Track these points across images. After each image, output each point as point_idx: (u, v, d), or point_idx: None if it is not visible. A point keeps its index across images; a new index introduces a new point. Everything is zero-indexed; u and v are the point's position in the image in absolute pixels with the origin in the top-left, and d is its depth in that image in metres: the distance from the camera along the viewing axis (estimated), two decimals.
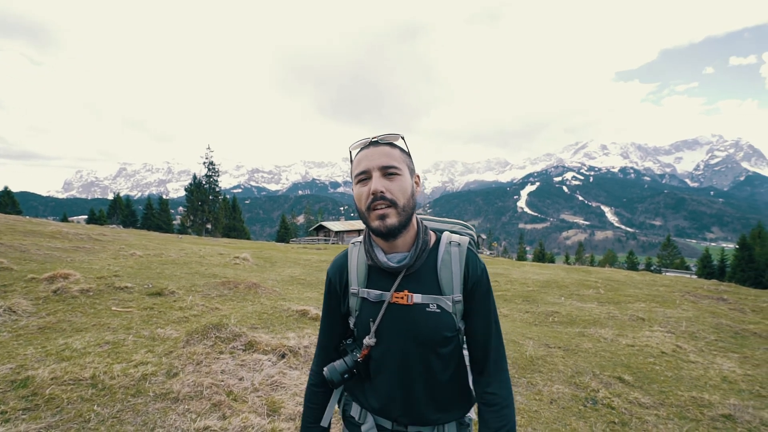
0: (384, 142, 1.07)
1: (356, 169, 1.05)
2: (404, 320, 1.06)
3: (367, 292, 1.10)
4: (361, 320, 1.11)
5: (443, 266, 1.09)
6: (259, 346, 3.85)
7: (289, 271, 10.61)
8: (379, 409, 1.12)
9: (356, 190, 1.06)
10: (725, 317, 7.80)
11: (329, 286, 1.19)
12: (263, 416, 2.80)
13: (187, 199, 44.79)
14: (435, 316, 1.06)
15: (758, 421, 3.47)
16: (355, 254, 1.16)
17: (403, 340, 1.07)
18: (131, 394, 2.95)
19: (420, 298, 1.06)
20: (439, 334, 1.06)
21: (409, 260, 1.07)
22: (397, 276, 1.08)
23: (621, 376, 4.40)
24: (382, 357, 1.09)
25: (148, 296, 5.86)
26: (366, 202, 1.02)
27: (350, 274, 1.14)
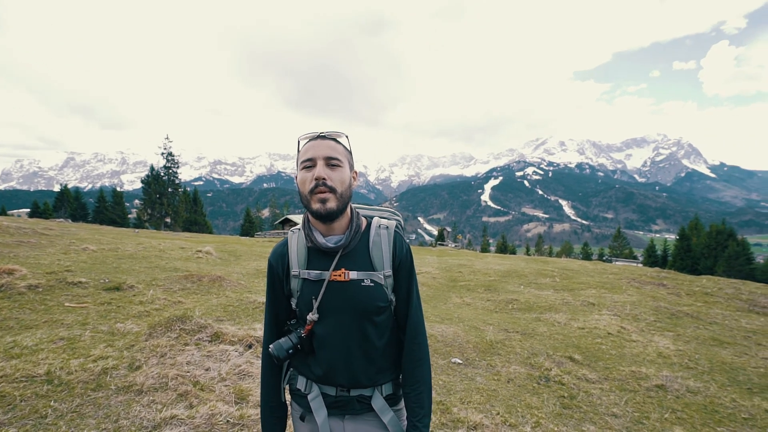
0: (330, 137, 1.20)
1: (303, 157, 1.17)
2: (343, 295, 1.18)
3: (308, 273, 1.20)
4: (303, 299, 1.21)
5: (374, 246, 1.23)
6: (226, 338, 3.83)
7: (254, 264, 10.44)
8: (324, 378, 1.22)
9: (300, 175, 1.17)
10: (664, 300, 8.53)
11: (271, 272, 1.28)
12: (231, 404, 2.82)
13: (144, 191, 42.54)
14: (369, 290, 1.19)
15: (685, 389, 3.89)
16: (294, 240, 1.26)
17: (342, 313, 1.19)
18: (91, 388, 2.88)
19: (355, 274, 1.19)
20: (373, 304, 1.19)
21: (345, 241, 1.20)
22: (335, 256, 1.20)
23: (572, 356, 4.76)
24: (325, 330, 1.20)
25: (105, 291, 5.62)
26: (309, 187, 1.14)
27: (291, 259, 1.23)
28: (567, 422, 3.16)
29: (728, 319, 7.25)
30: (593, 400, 3.61)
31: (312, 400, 1.22)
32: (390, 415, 1.24)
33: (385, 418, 1.23)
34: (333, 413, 1.23)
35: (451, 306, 7.62)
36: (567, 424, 3.14)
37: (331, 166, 1.16)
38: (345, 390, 1.22)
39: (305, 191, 1.15)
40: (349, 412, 1.23)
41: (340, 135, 1.23)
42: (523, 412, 3.28)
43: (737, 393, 3.93)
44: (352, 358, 1.21)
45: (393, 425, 1.23)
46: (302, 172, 1.17)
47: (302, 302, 1.22)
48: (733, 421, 3.35)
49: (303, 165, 1.17)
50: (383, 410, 1.23)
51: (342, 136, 1.23)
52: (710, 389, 3.95)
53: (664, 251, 42.22)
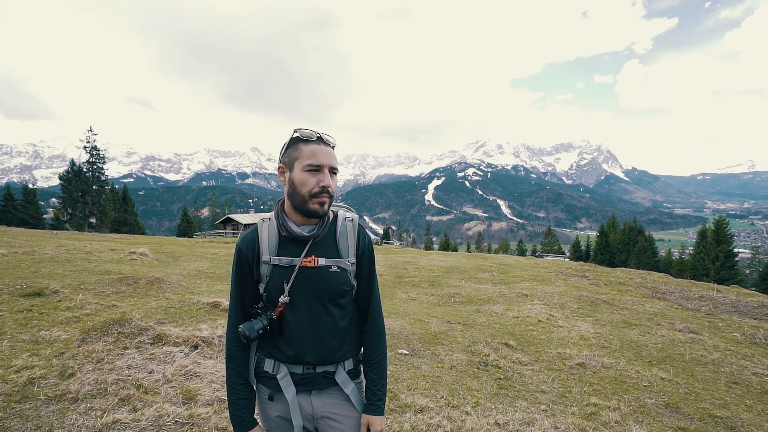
0: (331, 145, 1.31)
1: (309, 159, 1.25)
2: (312, 279, 1.30)
3: (279, 260, 1.30)
4: (274, 283, 1.30)
5: (341, 237, 1.37)
6: (169, 339, 3.70)
7: (195, 265, 9.95)
8: (293, 357, 1.31)
9: (303, 176, 1.26)
10: (585, 290, 9.52)
11: (240, 257, 1.33)
12: (179, 405, 2.77)
13: (63, 188, 38.18)
14: (336, 275, 1.32)
15: (600, 365, 4.45)
16: (265, 228, 1.34)
17: (311, 296, 1.30)
18: (15, 400, 2.66)
19: (324, 261, 1.32)
20: (339, 288, 1.33)
21: (317, 231, 1.32)
22: (306, 244, 1.31)
23: (507, 342, 5.20)
24: (294, 311, 1.30)
25: (23, 297, 5.09)
26: (312, 190, 1.25)
27: (261, 246, 1.31)
28: (503, 400, 3.49)
29: (636, 304, 8.28)
30: (525, 380, 4.01)
31: (281, 380, 1.31)
32: (351, 386, 1.38)
33: (347, 389, 1.36)
34: (300, 390, 1.33)
35: (397, 301, 7.88)
36: (503, 402, 3.47)
37: (332, 174, 1.28)
38: (311, 368, 1.33)
39: (306, 192, 1.25)
40: (315, 387, 1.34)
41: (334, 142, 1.33)
42: (464, 394, 3.56)
43: (641, 366, 4.57)
44: (320, 337, 1.32)
45: (354, 395, 1.38)
46: (306, 174, 1.25)
47: (272, 286, 1.30)
48: (637, 388, 3.91)
49: (309, 167, 1.25)
50: (345, 383, 1.37)
51: (335, 143, 1.34)
52: (620, 364, 4.55)
53: (587, 247, 46.54)
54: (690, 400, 3.69)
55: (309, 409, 1.34)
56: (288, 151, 1.30)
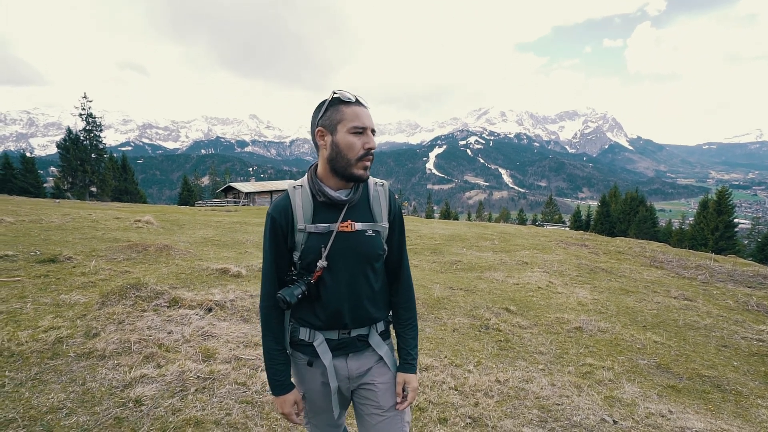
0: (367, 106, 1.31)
1: (354, 121, 1.24)
2: (349, 244, 1.32)
3: (315, 227, 1.30)
4: (310, 250, 1.30)
5: (374, 201, 1.38)
6: (184, 302, 3.86)
7: (201, 232, 10.10)
8: (329, 322, 1.34)
9: (348, 138, 1.25)
10: (585, 258, 9.70)
11: (274, 226, 1.32)
12: (199, 362, 2.94)
13: (61, 157, 37.94)
14: (371, 239, 1.35)
15: (597, 329, 4.65)
16: (298, 196, 1.33)
17: (348, 260, 1.32)
18: (48, 357, 2.83)
19: (360, 225, 1.33)
20: (375, 252, 1.36)
21: (353, 195, 1.33)
22: (342, 209, 1.32)
23: (507, 307, 5.38)
24: (332, 275, 1.32)
25: (39, 264, 5.25)
26: (358, 153, 1.26)
27: (296, 214, 1.31)
28: (503, 360, 3.69)
29: (634, 272, 8.47)
30: (525, 342, 4.20)
31: (318, 346, 1.34)
32: (385, 347, 1.43)
33: (381, 350, 1.42)
34: (336, 354, 1.37)
35: None
36: (503, 361, 3.66)
37: (372, 135, 1.29)
38: (346, 332, 1.37)
39: (352, 156, 1.25)
40: (351, 350, 1.39)
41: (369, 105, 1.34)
42: (466, 354, 3.75)
43: (635, 330, 4.77)
44: (357, 301, 1.35)
45: (387, 356, 1.44)
46: (351, 137, 1.24)
47: (309, 252, 1.31)
48: (630, 350, 4.11)
49: (354, 130, 1.24)
50: (379, 345, 1.42)
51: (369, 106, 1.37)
52: (616, 328, 4.75)
53: (588, 216, 46.74)
54: (680, 362, 3.89)
55: (345, 372, 1.38)
56: (327, 113, 1.27)
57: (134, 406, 2.34)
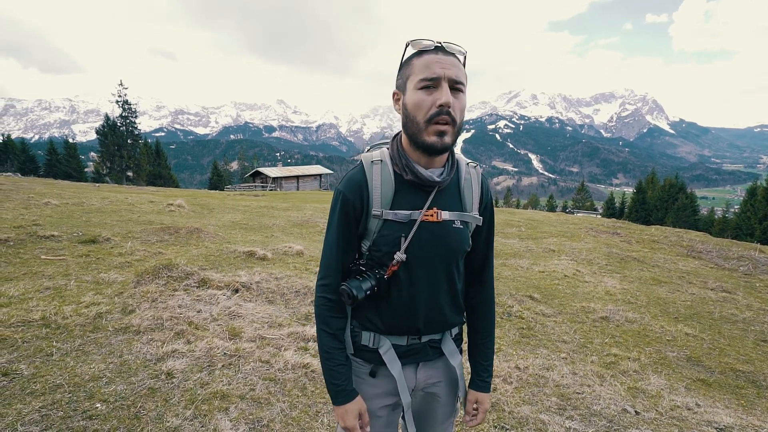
0: (453, 53, 1.01)
1: (422, 73, 0.98)
2: (434, 236, 1.08)
3: (394, 214, 1.07)
4: (385, 240, 1.08)
5: (466, 186, 1.14)
6: (213, 283, 4.03)
7: (229, 216, 10.44)
8: (398, 326, 1.13)
9: (416, 95, 0.99)
10: (616, 247, 9.36)
11: (345, 206, 1.09)
12: (226, 340, 3.09)
13: (100, 143, 39.94)
14: (459, 232, 1.11)
15: (624, 319, 4.51)
16: (377, 173, 1.09)
17: (430, 255, 1.10)
18: (89, 330, 3.05)
19: (447, 215, 1.09)
20: (462, 247, 1.13)
21: (446, 175, 1.08)
22: (429, 193, 1.08)
23: (531, 295, 5.30)
24: (409, 272, 1.09)
25: (81, 244, 5.60)
26: (428, 113, 0.98)
27: (373, 195, 1.07)
28: (524, 348, 3.66)
29: (668, 262, 8.12)
30: (547, 331, 4.14)
31: (384, 354, 1.14)
32: (458, 358, 1.23)
33: (454, 361, 1.21)
34: (405, 362, 1.16)
35: None
36: (524, 349, 3.63)
37: (454, 90, 0.99)
38: (416, 337, 1.16)
39: (420, 118, 0.99)
40: (422, 359, 1.18)
41: (462, 51, 1.03)
42: None
43: (666, 321, 4.60)
44: (438, 301, 1.14)
45: (460, 369, 1.23)
46: (419, 93, 0.99)
47: (384, 243, 1.09)
48: (659, 342, 3.98)
49: (422, 83, 0.98)
50: (452, 354, 1.21)
51: (464, 52, 1.04)
52: (645, 319, 4.60)
53: (622, 203, 44.87)
54: (713, 355, 3.73)
55: (413, 383, 1.18)
56: (401, 71, 1.06)
57: (166, 378, 2.49)
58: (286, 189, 43.87)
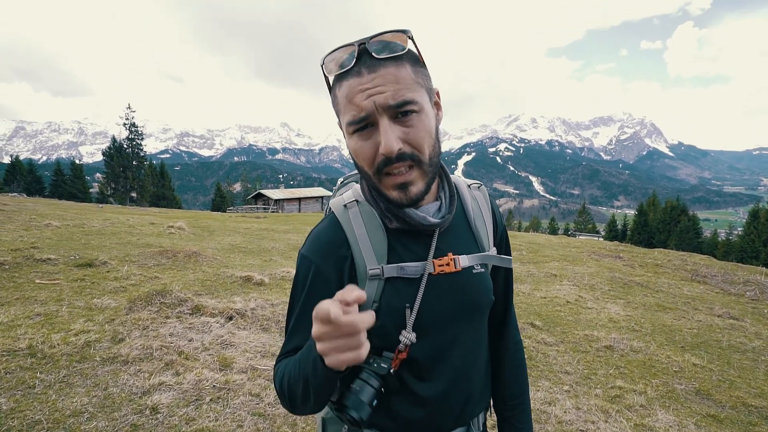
0: (384, 56, 0.67)
1: (347, 112, 0.69)
2: (453, 292, 0.79)
3: (400, 269, 0.76)
4: (388, 312, 0.76)
5: (474, 215, 0.86)
6: (206, 310, 3.95)
7: (228, 239, 10.40)
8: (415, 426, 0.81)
9: (352, 143, 0.72)
10: (619, 271, 9.23)
11: (315, 280, 0.77)
12: (216, 371, 2.99)
13: (105, 164, 40.52)
14: (482, 278, 0.83)
15: (629, 349, 4.38)
16: (359, 219, 0.79)
17: (454, 319, 0.80)
18: (76, 360, 2.96)
19: (467, 259, 0.80)
20: (488, 298, 0.84)
21: (447, 210, 0.80)
22: (431, 236, 0.79)
23: (533, 322, 5.18)
24: (425, 350, 0.78)
25: (77, 267, 5.54)
26: (374, 163, 0.70)
27: (362, 249, 0.77)
28: None
29: (673, 287, 7.97)
30: (549, 360, 4.01)
31: None
32: None
33: None
34: None
35: None
36: None
37: (403, 116, 0.68)
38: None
39: (368, 169, 0.72)
40: None
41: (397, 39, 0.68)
42: None
43: (672, 351, 4.45)
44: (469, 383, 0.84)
45: None
46: (355, 139, 0.71)
47: (389, 317, 0.76)
48: (666, 373, 3.84)
49: (353, 127, 0.69)
50: None
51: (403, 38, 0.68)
52: (650, 348, 4.45)
53: (624, 226, 44.74)
54: (723, 388, 3.59)
55: None
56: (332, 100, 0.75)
57: (150, 414, 2.39)
58: (287, 211, 44.02)
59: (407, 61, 0.69)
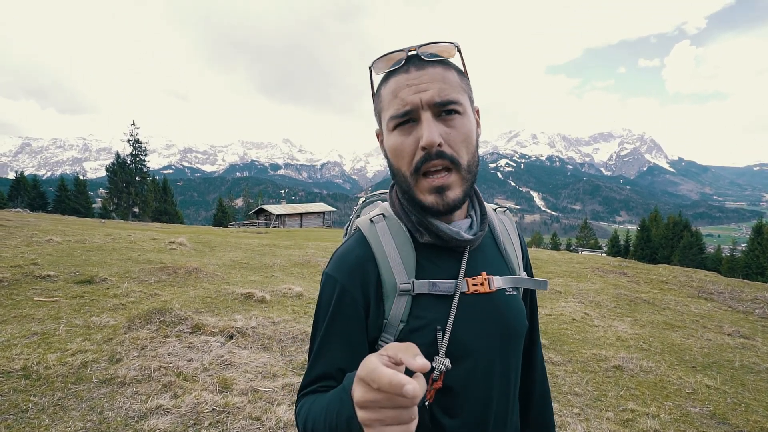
0: (434, 59, 0.68)
1: (390, 107, 0.68)
2: (487, 315, 0.74)
3: (431, 284, 0.71)
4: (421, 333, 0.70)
5: (504, 238, 0.84)
6: (206, 329, 3.87)
7: (230, 255, 10.33)
8: None
9: (392, 139, 0.69)
10: (624, 288, 9.11)
11: (340, 300, 0.72)
12: (215, 393, 2.90)
13: (109, 180, 40.79)
14: (516, 302, 0.78)
15: (639, 369, 4.26)
16: (386, 234, 0.75)
17: (487, 347, 0.73)
18: (71, 382, 2.88)
19: (501, 281, 0.76)
20: (523, 324, 0.79)
21: (478, 229, 0.76)
22: (462, 254, 0.75)
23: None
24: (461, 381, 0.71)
25: (76, 284, 5.48)
26: (412, 161, 0.68)
27: (391, 264, 0.72)
28: None
29: (680, 304, 7.84)
30: (558, 381, 3.90)
31: None
32: None
33: None
34: None
35: None
36: None
37: (446, 115, 0.67)
38: None
39: (405, 169, 0.69)
40: None
41: (449, 49, 0.70)
42: None
43: (683, 371, 4.33)
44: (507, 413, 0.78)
45: None
46: (395, 135, 0.69)
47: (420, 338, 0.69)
48: (679, 395, 3.72)
49: (395, 122, 0.68)
50: None
51: (452, 49, 0.71)
52: (661, 368, 4.34)
53: (626, 241, 44.50)
54: (739, 411, 3.47)
55: None
56: (374, 105, 0.76)
57: None
58: (289, 226, 44.00)
59: (454, 69, 0.71)
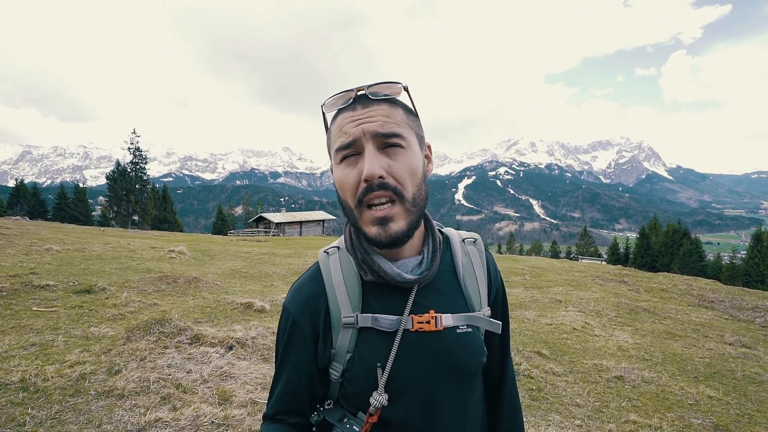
0: (379, 97, 0.71)
1: (337, 140, 0.71)
2: (431, 353, 0.74)
3: (374, 319, 0.73)
4: (361, 367, 0.73)
5: (465, 272, 0.82)
6: (206, 339, 3.85)
7: (229, 264, 10.31)
8: None
9: (339, 172, 0.71)
10: (624, 297, 9.08)
11: (292, 331, 0.78)
12: (215, 405, 2.87)
13: (109, 188, 40.83)
14: (469, 339, 0.77)
15: (640, 379, 4.24)
16: (336, 267, 0.78)
17: (431, 383, 0.74)
18: (69, 394, 2.86)
19: (451, 319, 0.75)
20: (477, 361, 0.78)
21: (427, 266, 0.76)
22: (410, 291, 0.75)
23: (540, 351, 5.04)
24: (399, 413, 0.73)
25: (75, 294, 5.46)
26: (356, 193, 0.69)
27: (337, 297, 0.75)
28: (535, 413, 3.39)
29: (680, 313, 7.82)
30: (559, 392, 3.87)
31: None
32: None
33: None
34: None
35: None
36: (535, 414, 3.37)
37: (388, 148, 0.69)
38: None
39: (350, 201, 0.71)
40: None
41: (394, 88, 0.72)
42: None
43: (685, 381, 4.31)
44: None
45: None
46: (341, 168, 0.71)
47: (358, 373, 0.73)
48: (681, 407, 3.69)
49: (341, 155, 0.71)
50: None
51: (398, 88, 0.73)
52: (662, 379, 4.31)
53: (626, 249, 44.49)
54: (742, 423, 3.44)
55: None
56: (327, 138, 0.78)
57: None
58: (288, 234, 43.96)
59: (400, 106, 0.74)
